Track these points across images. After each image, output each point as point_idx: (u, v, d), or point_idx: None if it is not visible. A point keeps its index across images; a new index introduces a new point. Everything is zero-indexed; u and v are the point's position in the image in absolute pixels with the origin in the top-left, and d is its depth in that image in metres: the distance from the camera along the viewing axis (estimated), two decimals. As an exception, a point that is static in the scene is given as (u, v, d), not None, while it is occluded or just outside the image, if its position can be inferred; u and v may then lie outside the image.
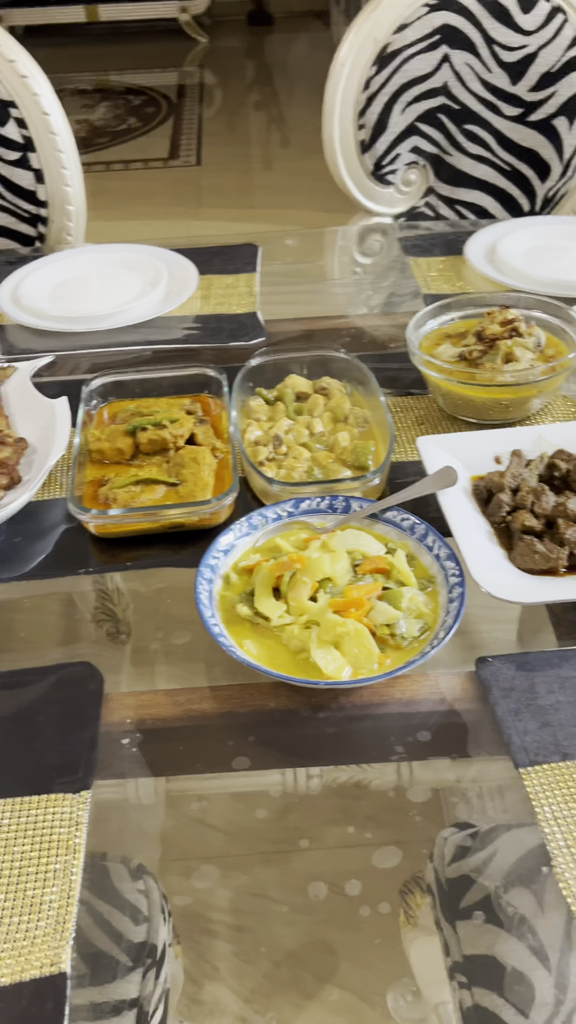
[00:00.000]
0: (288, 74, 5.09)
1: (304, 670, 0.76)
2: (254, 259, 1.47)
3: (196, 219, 3.61)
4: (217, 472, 0.99)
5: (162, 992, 0.59)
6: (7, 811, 0.69)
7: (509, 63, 1.58)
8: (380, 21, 1.53)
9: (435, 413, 1.10)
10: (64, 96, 1.58)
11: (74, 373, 1.21)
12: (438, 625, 0.79)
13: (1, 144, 1.56)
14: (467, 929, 0.61)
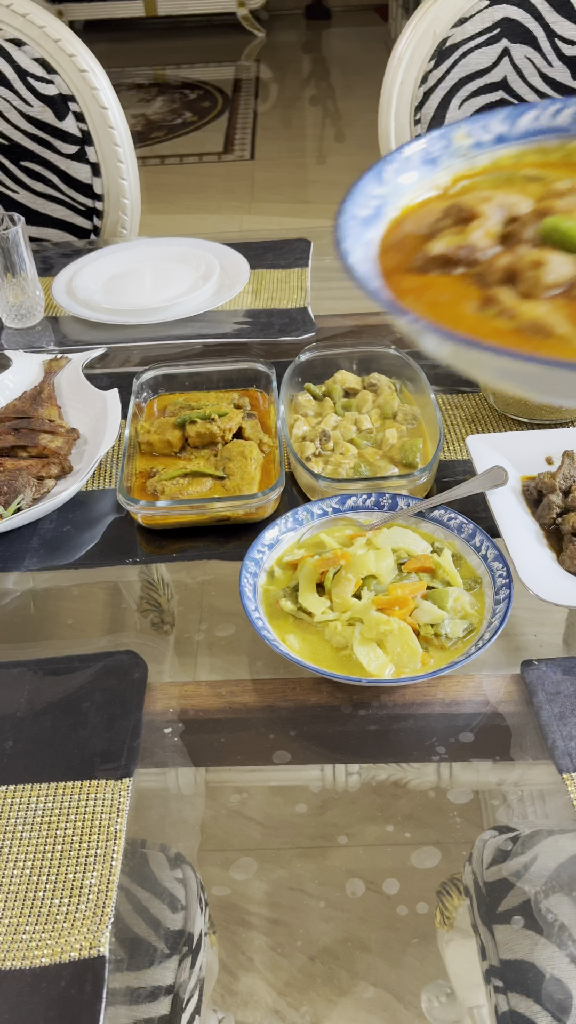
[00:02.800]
0: (345, 69, 5.06)
1: (346, 667, 0.76)
2: (306, 254, 1.46)
3: (249, 213, 3.62)
4: (264, 466, 1.00)
5: (197, 980, 0.59)
6: (51, 795, 0.70)
7: (571, 57, 1.55)
8: (439, 15, 1.51)
9: (486, 412, 1.09)
10: (121, 90, 1.60)
11: (125, 365, 1.23)
12: (483, 626, 0.78)
13: (59, 138, 1.58)
14: (505, 933, 0.60)
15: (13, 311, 1.30)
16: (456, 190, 0.50)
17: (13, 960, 0.60)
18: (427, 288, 0.45)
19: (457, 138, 0.52)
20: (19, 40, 1.51)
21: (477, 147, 0.52)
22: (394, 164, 0.50)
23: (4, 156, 1.61)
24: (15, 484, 0.96)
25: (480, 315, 0.43)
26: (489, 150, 0.52)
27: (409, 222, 0.49)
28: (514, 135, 0.52)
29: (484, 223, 0.46)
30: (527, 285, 0.43)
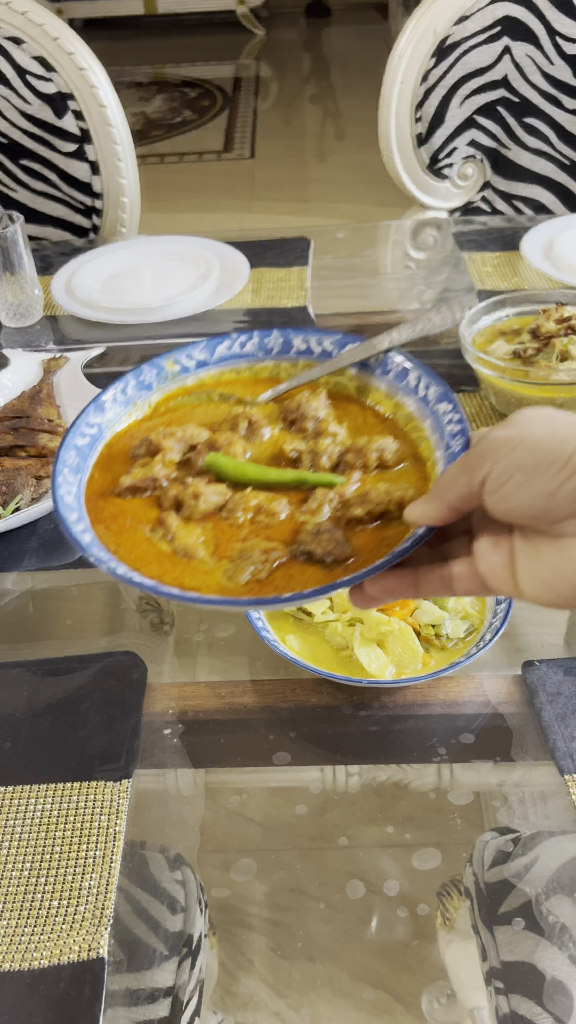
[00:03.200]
0: (345, 67, 5.06)
1: (347, 667, 0.76)
2: (306, 253, 1.46)
3: (249, 212, 3.62)
4: (264, 466, 0.99)
5: (197, 982, 0.59)
6: (49, 796, 0.70)
7: (572, 55, 1.54)
8: (440, 13, 1.51)
9: (487, 411, 1.09)
10: (121, 88, 1.60)
11: (125, 364, 1.22)
12: (484, 627, 0.78)
13: (58, 136, 1.57)
14: (506, 935, 0.60)
15: (12, 310, 1.30)
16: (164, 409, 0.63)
17: (12, 962, 0.60)
18: (120, 513, 0.57)
19: (167, 365, 0.63)
20: (18, 38, 1.51)
21: (184, 371, 0.64)
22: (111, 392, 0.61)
23: (3, 154, 1.60)
24: (14, 484, 0.96)
25: (151, 537, 0.56)
26: (193, 373, 0.64)
27: (120, 444, 0.61)
28: (213, 360, 0.64)
29: (165, 455, 0.59)
30: (187, 511, 0.56)
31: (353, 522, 0.54)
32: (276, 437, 0.61)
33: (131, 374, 0.62)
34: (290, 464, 0.59)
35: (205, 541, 0.55)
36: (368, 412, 0.62)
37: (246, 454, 0.59)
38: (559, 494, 0.42)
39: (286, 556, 0.54)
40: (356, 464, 0.58)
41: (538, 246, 1.39)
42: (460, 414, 0.55)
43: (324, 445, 0.59)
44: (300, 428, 0.61)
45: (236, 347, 0.64)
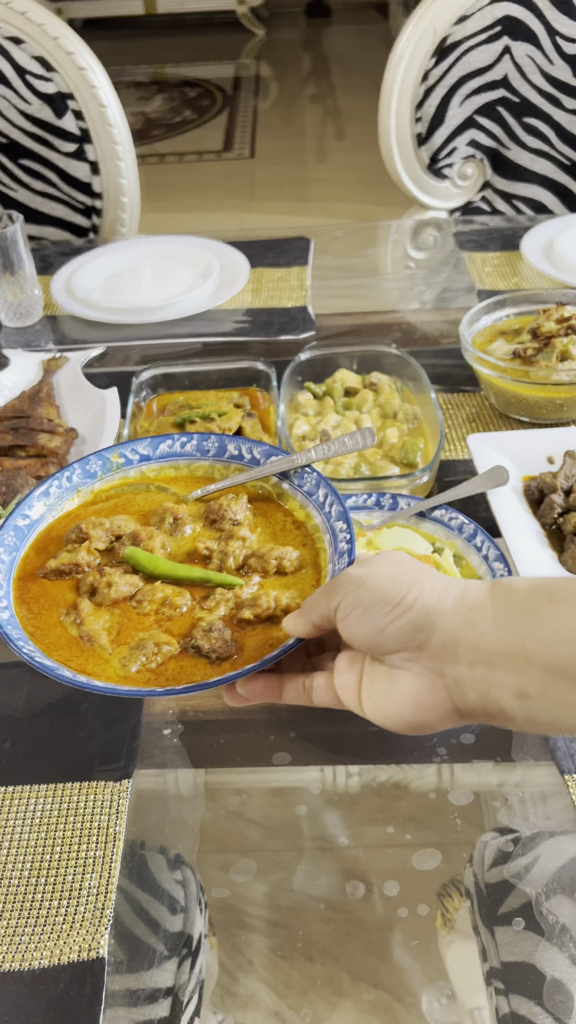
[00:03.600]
0: (345, 66, 5.06)
1: (347, 667, 0.76)
2: (306, 253, 1.46)
3: (249, 212, 3.62)
4: (264, 466, 1.00)
5: (197, 982, 0.59)
6: (50, 797, 0.70)
7: (572, 55, 1.54)
8: (440, 12, 1.51)
9: (487, 411, 1.09)
10: (120, 88, 1.60)
11: (124, 364, 1.22)
12: (484, 626, 0.78)
13: (58, 136, 1.57)
14: (506, 935, 0.60)
15: (12, 310, 1.30)
16: (106, 496, 0.71)
17: (12, 962, 0.60)
18: (43, 595, 0.64)
19: (112, 457, 0.71)
20: (18, 38, 1.51)
21: (128, 463, 0.71)
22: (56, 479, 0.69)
23: (3, 154, 1.60)
24: (13, 483, 0.96)
25: (64, 620, 0.62)
26: (136, 466, 0.71)
27: (60, 527, 0.68)
28: (155, 456, 0.71)
29: (91, 543, 0.65)
30: (100, 597, 0.63)
31: (243, 622, 0.61)
32: (196, 534, 0.67)
33: (78, 463, 0.70)
34: (202, 561, 0.65)
35: (110, 628, 0.61)
36: (288, 517, 0.68)
37: (166, 548, 0.66)
38: (388, 630, 0.49)
39: (178, 649, 0.60)
40: (257, 568, 0.64)
41: (538, 246, 1.39)
42: (351, 535, 0.62)
43: (233, 547, 0.65)
44: (218, 528, 0.67)
45: (177, 446, 0.71)
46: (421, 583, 0.50)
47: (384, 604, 0.49)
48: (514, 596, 0.47)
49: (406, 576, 0.50)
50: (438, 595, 0.49)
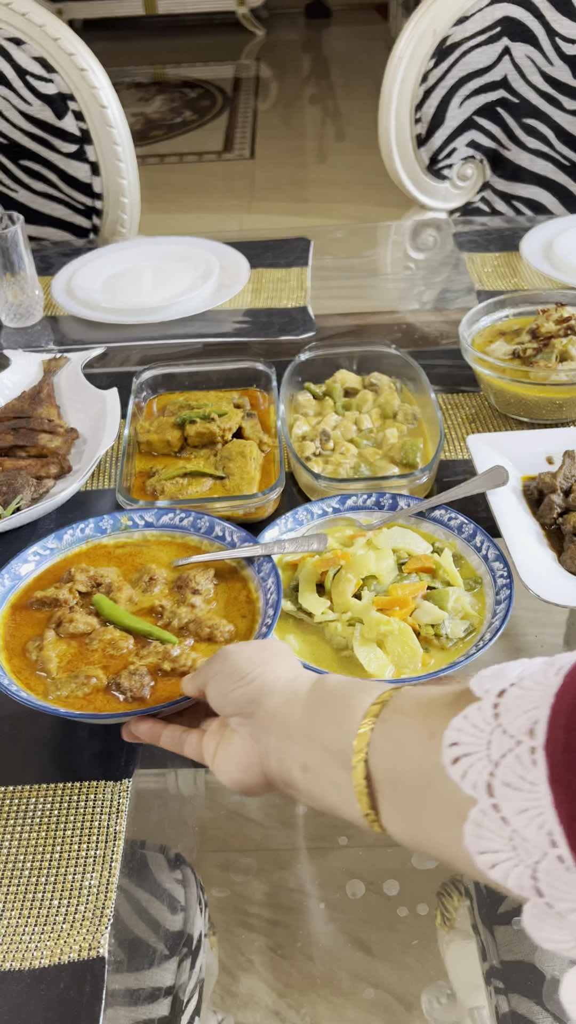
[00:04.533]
0: (345, 67, 5.06)
1: (347, 667, 0.76)
2: (306, 253, 1.46)
3: (249, 212, 3.62)
4: (264, 466, 1.00)
5: (197, 982, 0.59)
6: (50, 796, 0.70)
7: (571, 56, 1.55)
8: (440, 14, 1.51)
9: (486, 411, 1.09)
10: (121, 89, 1.60)
11: (125, 365, 1.22)
12: (484, 627, 0.78)
13: (59, 136, 1.57)
14: (506, 934, 0.60)
15: (12, 310, 1.30)
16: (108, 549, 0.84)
17: (12, 961, 0.60)
18: (23, 622, 0.77)
19: (123, 520, 0.86)
20: (18, 39, 1.51)
21: (134, 526, 0.85)
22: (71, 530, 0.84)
23: (3, 155, 1.61)
24: (14, 484, 0.96)
25: (29, 645, 0.75)
26: (140, 530, 0.85)
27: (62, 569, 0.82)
28: (157, 524, 0.85)
29: (74, 585, 0.79)
30: (62, 630, 0.76)
31: (163, 673, 0.72)
32: (161, 594, 0.79)
33: (93, 520, 0.84)
34: (156, 616, 0.77)
35: (60, 655, 0.74)
36: (245, 592, 0.79)
37: (133, 600, 0.79)
38: (229, 696, 0.58)
39: (104, 684, 0.71)
40: (193, 632, 0.75)
41: (537, 247, 1.40)
42: (273, 621, 0.73)
43: (182, 611, 0.77)
44: (181, 592, 0.79)
45: (176, 519, 0.85)
46: (271, 665, 0.58)
47: (233, 675, 0.58)
48: (325, 685, 0.54)
49: (262, 657, 0.59)
50: (277, 676, 0.57)
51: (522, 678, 0.42)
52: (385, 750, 0.47)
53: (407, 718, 0.47)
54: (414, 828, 0.46)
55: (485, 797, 0.40)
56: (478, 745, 0.41)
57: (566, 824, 0.37)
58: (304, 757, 0.51)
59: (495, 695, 0.42)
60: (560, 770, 0.38)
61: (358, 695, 0.50)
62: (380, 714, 0.48)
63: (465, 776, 0.41)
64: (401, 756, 0.46)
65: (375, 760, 0.47)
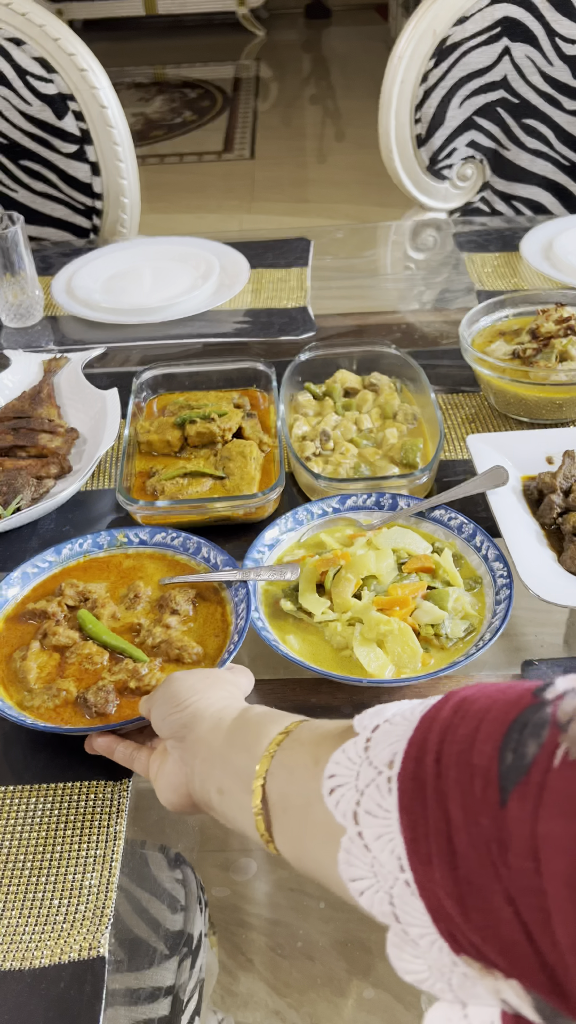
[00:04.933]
0: (345, 67, 5.06)
1: (347, 667, 0.76)
2: (306, 253, 1.46)
3: (249, 213, 3.62)
4: (264, 466, 1.00)
5: (197, 981, 0.59)
6: (51, 796, 0.70)
7: (571, 56, 1.55)
8: (439, 14, 1.51)
9: (486, 411, 1.09)
10: (121, 89, 1.60)
11: (125, 365, 1.22)
12: (484, 626, 0.78)
13: (59, 137, 1.57)
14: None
15: (12, 310, 1.30)
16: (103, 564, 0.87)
17: (13, 961, 0.60)
18: (13, 634, 0.81)
19: (119, 537, 0.88)
20: (18, 39, 1.51)
21: (129, 543, 0.88)
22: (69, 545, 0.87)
23: (3, 155, 1.61)
24: (14, 484, 0.96)
25: (16, 655, 0.78)
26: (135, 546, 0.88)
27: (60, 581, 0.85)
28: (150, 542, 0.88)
29: (64, 600, 0.82)
30: (47, 643, 0.79)
31: (129, 691, 0.74)
32: (143, 611, 0.82)
33: (91, 536, 0.87)
34: (133, 633, 0.80)
35: (41, 666, 0.77)
36: (221, 613, 0.81)
37: (116, 616, 0.81)
38: (166, 721, 0.60)
39: (73, 698, 0.74)
40: (163, 652, 0.77)
41: (537, 247, 1.40)
42: (235, 647, 0.75)
43: (157, 630, 0.79)
44: (161, 611, 0.81)
45: (168, 539, 0.87)
46: (207, 693, 0.61)
47: (171, 701, 0.61)
48: (246, 715, 0.56)
49: (202, 685, 0.62)
50: (209, 704, 0.59)
51: (394, 715, 0.44)
52: (279, 776, 0.50)
53: (301, 747, 0.50)
54: (299, 851, 0.48)
55: (352, 825, 0.42)
56: (349, 776, 0.43)
57: (409, 848, 0.39)
58: (220, 780, 0.54)
59: (370, 730, 0.44)
60: (407, 797, 0.40)
61: (271, 724, 0.53)
62: (282, 742, 0.51)
63: (338, 805, 0.43)
64: (291, 782, 0.49)
65: (271, 785, 0.50)
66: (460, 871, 0.37)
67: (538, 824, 0.35)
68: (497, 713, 0.39)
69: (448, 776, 0.39)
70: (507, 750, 0.37)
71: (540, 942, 0.35)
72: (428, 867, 0.38)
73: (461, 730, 0.39)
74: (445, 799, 0.38)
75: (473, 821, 0.37)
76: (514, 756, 0.37)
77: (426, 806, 0.39)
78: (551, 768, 0.35)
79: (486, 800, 0.37)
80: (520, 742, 0.37)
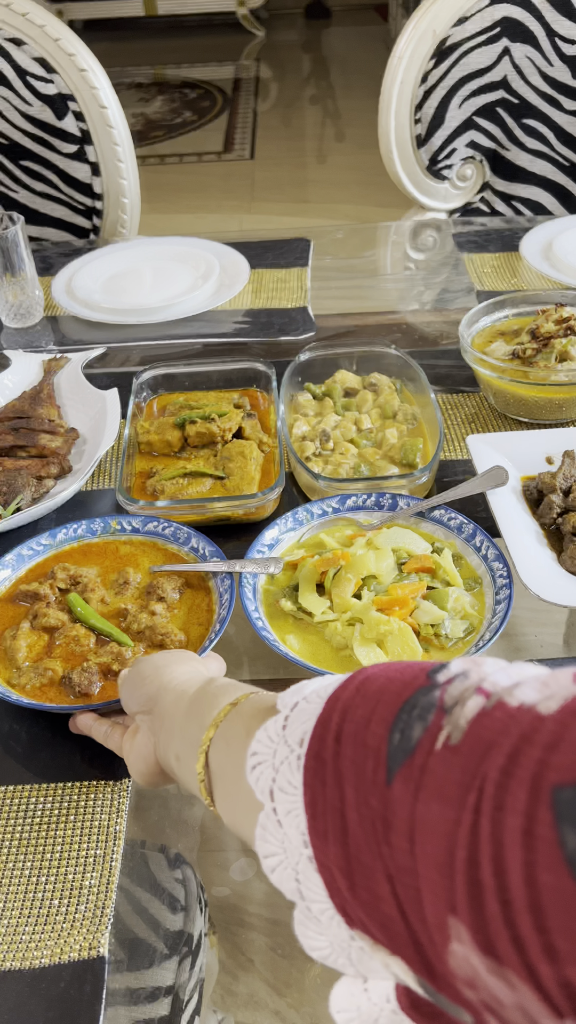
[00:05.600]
0: (345, 68, 5.06)
1: (347, 667, 0.76)
2: (306, 254, 1.46)
3: (249, 213, 3.62)
4: (264, 466, 1.00)
5: (197, 981, 0.59)
6: (50, 796, 0.70)
7: (571, 56, 1.55)
8: (439, 14, 1.51)
9: (486, 411, 1.09)
10: (121, 89, 1.60)
11: (125, 365, 1.22)
12: (484, 626, 0.78)
13: (59, 137, 1.58)
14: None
15: (12, 311, 1.30)
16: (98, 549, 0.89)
17: (13, 960, 0.60)
18: (6, 614, 0.83)
19: (113, 524, 0.90)
20: (18, 39, 1.51)
21: (122, 531, 0.90)
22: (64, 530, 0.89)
23: (4, 155, 1.61)
24: (14, 484, 0.96)
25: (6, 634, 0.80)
26: (127, 534, 0.90)
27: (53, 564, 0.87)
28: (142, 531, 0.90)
29: (55, 582, 0.84)
30: (37, 623, 0.81)
31: (112, 673, 0.76)
32: (131, 597, 0.84)
33: (86, 522, 0.90)
34: (120, 618, 0.82)
35: (30, 646, 0.79)
36: (207, 603, 0.83)
37: (106, 601, 0.83)
38: (133, 696, 0.63)
39: (60, 676, 0.76)
40: (147, 638, 0.79)
41: (537, 247, 1.40)
42: (215, 636, 0.77)
43: (142, 616, 0.81)
44: (148, 598, 0.83)
45: (159, 528, 0.89)
46: (171, 668, 0.62)
47: (138, 677, 0.63)
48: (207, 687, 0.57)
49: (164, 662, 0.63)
50: (173, 677, 0.61)
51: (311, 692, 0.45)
52: (219, 746, 0.51)
53: (240, 719, 0.51)
54: (232, 819, 0.50)
55: (268, 801, 0.43)
56: (268, 754, 0.44)
57: (310, 824, 0.40)
58: (177, 748, 0.56)
59: (289, 708, 0.45)
60: (310, 775, 0.41)
61: (223, 696, 0.55)
62: (228, 714, 0.52)
63: (257, 782, 0.44)
64: (227, 752, 0.50)
65: (212, 754, 0.52)
66: (351, 848, 0.38)
67: (416, 805, 0.35)
68: (391, 694, 0.40)
69: (345, 755, 0.40)
70: (396, 731, 0.38)
71: (412, 920, 0.36)
72: (324, 842, 0.40)
73: (360, 710, 0.41)
74: (341, 778, 0.39)
75: (363, 800, 0.38)
76: (401, 737, 0.38)
77: (325, 784, 0.40)
78: (433, 751, 0.36)
79: (375, 780, 0.38)
80: (408, 724, 0.38)
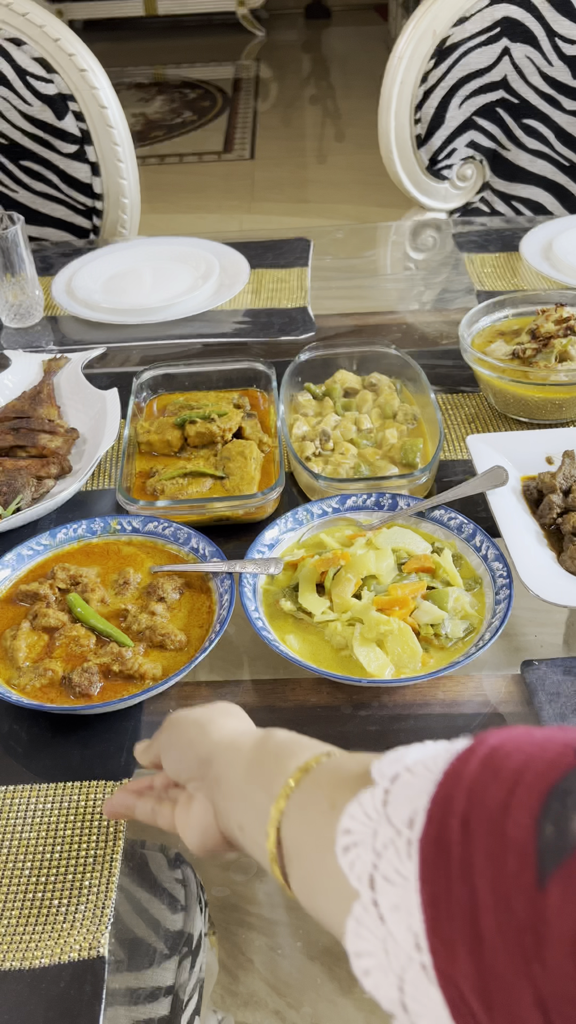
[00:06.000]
0: (345, 68, 5.06)
1: (346, 667, 0.76)
2: (306, 254, 1.46)
3: (249, 213, 3.62)
4: (264, 466, 1.00)
5: (197, 981, 0.59)
6: (50, 796, 0.70)
7: (571, 56, 1.55)
8: (439, 14, 1.51)
9: (486, 411, 1.09)
10: (121, 90, 1.60)
11: (125, 365, 1.23)
12: (484, 626, 0.78)
13: (59, 137, 1.58)
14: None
15: (12, 311, 1.30)
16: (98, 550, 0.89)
17: (13, 960, 0.60)
18: (6, 614, 0.83)
19: (112, 524, 0.90)
20: (18, 39, 1.51)
21: (122, 531, 0.90)
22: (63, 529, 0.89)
23: (4, 155, 1.61)
24: (14, 484, 0.96)
25: (6, 633, 0.80)
26: (127, 534, 0.90)
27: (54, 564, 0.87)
28: (142, 531, 0.89)
29: (55, 582, 0.84)
30: (37, 623, 0.81)
31: (112, 674, 0.76)
32: (132, 597, 0.84)
33: (86, 522, 0.89)
34: (120, 618, 0.81)
35: (30, 646, 0.79)
36: (208, 603, 0.82)
37: (105, 601, 0.83)
38: (182, 763, 0.57)
39: (60, 676, 0.76)
40: (147, 638, 0.79)
41: (537, 247, 1.40)
42: (215, 637, 0.76)
43: (142, 616, 0.80)
44: (149, 598, 0.83)
45: (159, 528, 0.89)
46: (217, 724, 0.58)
47: (182, 741, 0.58)
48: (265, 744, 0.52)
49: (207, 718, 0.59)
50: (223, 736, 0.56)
51: (415, 763, 0.39)
52: (294, 819, 0.46)
53: (318, 789, 0.45)
54: (311, 903, 0.44)
55: (368, 890, 0.37)
56: (366, 834, 0.38)
57: (430, 926, 0.34)
58: (240, 817, 0.51)
59: (388, 780, 0.39)
60: (429, 866, 0.35)
61: (289, 758, 0.49)
62: (300, 781, 0.47)
63: (352, 867, 0.38)
64: (306, 827, 0.45)
65: (285, 829, 0.46)
66: (485, 961, 0.32)
67: None
68: (534, 775, 0.34)
69: (477, 845, 0.33)
70: (547, 822, 0.32)
71: None
72: (451, 952, 0.33)
73: (492, 791, 0.34)
74: (472, 873, 0.33)
75: (504, 904, 0.31)
76: (555, 830, 0.31)
77: (450, 879, 0.34)
78: None
79: (521, 881, 0.31)
80: (563, 814, 0.32)
